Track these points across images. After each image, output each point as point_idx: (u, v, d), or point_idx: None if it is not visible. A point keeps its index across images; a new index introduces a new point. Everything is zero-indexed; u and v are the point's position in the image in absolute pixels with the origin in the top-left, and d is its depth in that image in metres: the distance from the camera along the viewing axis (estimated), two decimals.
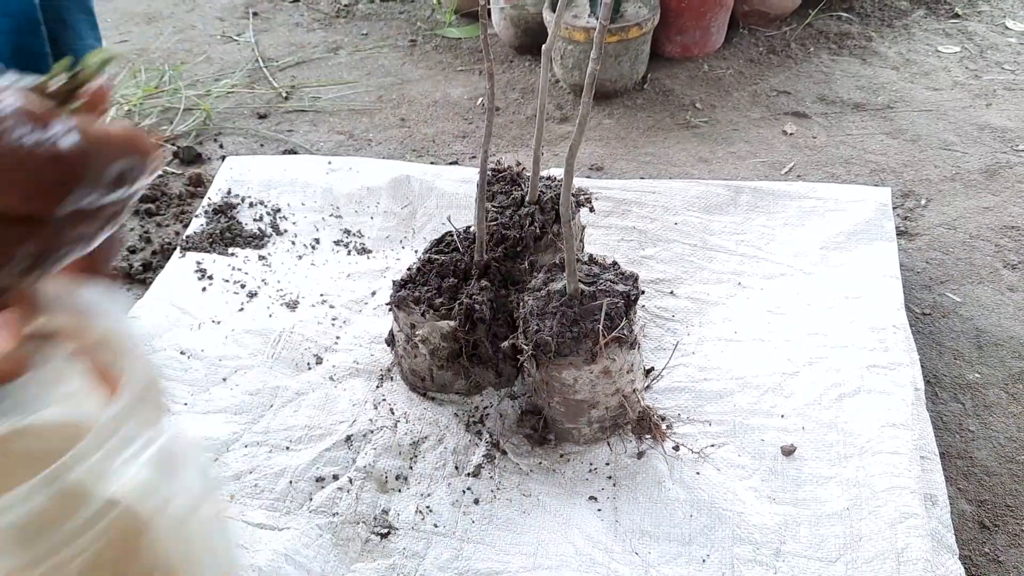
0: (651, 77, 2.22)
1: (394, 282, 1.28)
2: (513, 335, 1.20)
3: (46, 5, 0.81)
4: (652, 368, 1.32)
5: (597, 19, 2.06)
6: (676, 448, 1.19)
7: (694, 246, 1.56)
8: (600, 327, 1.10)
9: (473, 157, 1.98)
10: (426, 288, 1.25)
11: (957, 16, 2.44)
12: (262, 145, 2.07)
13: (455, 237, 1.31)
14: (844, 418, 1.22)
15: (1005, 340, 1.42)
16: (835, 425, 1.21)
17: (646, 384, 1.29)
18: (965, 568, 1.04)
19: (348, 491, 1.17)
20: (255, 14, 2.71)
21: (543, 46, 1.13)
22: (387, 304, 1.30)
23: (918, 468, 1.13)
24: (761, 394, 1.27)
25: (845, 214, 1.57)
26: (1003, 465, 1.24)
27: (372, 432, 1.25)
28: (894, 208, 1.64)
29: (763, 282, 1.48)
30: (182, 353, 1.37)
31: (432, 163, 1.94)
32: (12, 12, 0.78)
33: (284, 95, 2.27)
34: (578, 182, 1.57)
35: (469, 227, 1.34)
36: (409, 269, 1.29)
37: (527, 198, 1.33)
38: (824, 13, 2.44)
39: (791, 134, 2.01)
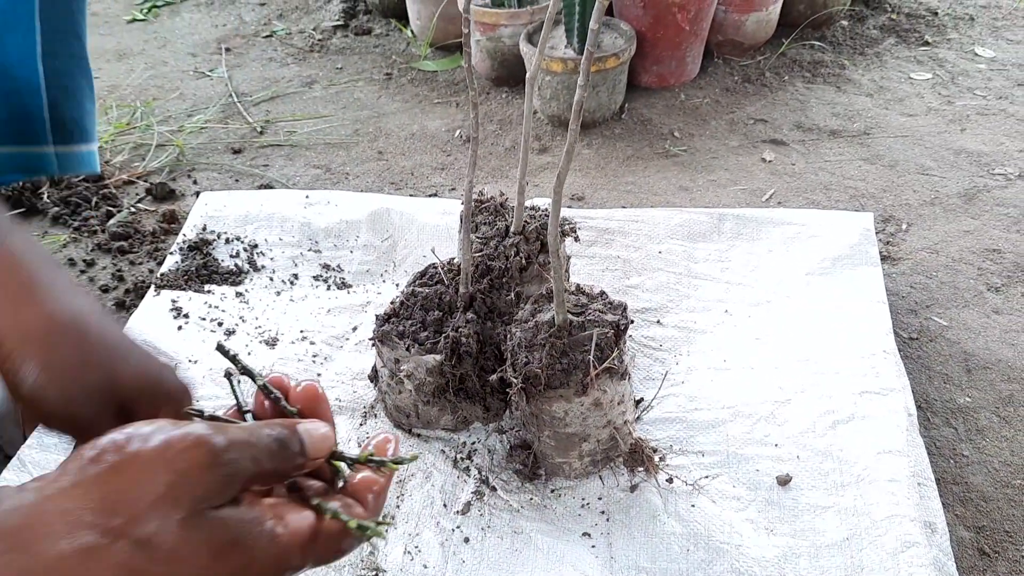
0: (628, 107, 2.22)
1: (377, 316, 1.25)
2: (501, 368, 1.16)
3: (50, 70, 0.79)
4: (642, 399, 1.30)
5: (574, 50, 2.07)
6: (670, 480, 1.16)
7: (679, 274, 1.54)
8: (591, 358, 1.07)
9: (452, 189, 1.96)
10: (410, 322, 1.22)
11: (927, 44, 2.47)
12: (237, 180, 2.04)
13: (439, 269, 1.29)
14: (839, 445, 1.20)
15: (993, 363, 1.42)
16: (830, 453, 1.19)
17: (637, 415, 1.26)
18: None
19: None
20: (227, 49, 2.69)
21: (527, 75, 1.12)
22: (370, 339, 1.26)
23: (916, 495, 1.11)
24: (754, 423, 1.25)
25: (828, 240, 1.57)
26: (999, 490, 1.22)
27: None
28: (876, 233, 1.64)
29: (750, 309, 1.46)
30: None
31: (411, 196, 1.92)
32: (15, 76, 0.76)
33: (259, 130, 2.24)
34: (561, 212, 1.55)
35: (453, 259, 1.32)
36: (392, 303, 1.26)
37: (511, 228, 1.31)
38: (797, 42, 2.47)
39: (770, 161, 2.01)
